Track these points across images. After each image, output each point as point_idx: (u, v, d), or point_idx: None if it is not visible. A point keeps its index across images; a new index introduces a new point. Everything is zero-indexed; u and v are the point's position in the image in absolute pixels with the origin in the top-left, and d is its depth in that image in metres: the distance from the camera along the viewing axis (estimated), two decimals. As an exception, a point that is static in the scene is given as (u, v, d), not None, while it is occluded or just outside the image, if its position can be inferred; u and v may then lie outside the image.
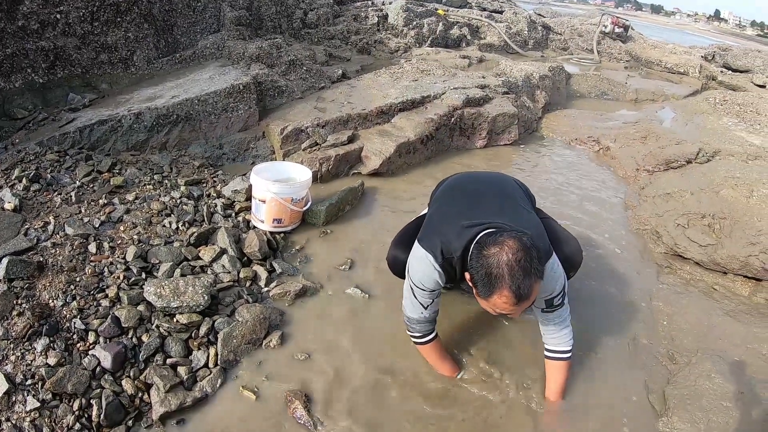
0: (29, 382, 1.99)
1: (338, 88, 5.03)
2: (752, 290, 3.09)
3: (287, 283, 2.74)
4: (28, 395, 1.94)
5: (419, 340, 2.24)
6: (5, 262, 2.28)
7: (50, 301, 2.26)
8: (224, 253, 2.79)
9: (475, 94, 5.03)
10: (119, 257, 2.58)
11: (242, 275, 2.71)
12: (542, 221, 2.26)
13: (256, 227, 3.09)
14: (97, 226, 2.73)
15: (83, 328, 2.19)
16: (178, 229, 2.90)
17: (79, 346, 2.15)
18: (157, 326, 2.29)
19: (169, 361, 2.19)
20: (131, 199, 3.02)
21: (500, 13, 10.20)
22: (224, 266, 2.72)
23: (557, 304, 2.09)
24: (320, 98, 4.72)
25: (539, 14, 11.23)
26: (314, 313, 2.62)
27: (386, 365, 2.35)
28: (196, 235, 2.82)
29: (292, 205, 3.06)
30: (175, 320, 2.31)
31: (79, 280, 2.39)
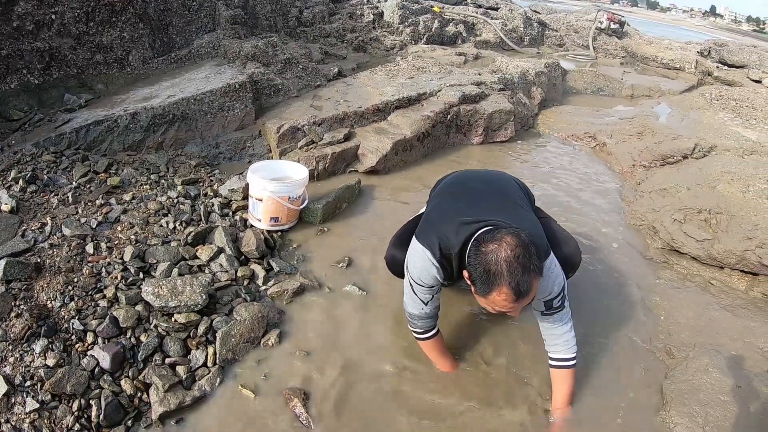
0: (28, 383, 1.98)
1: (334, 86, 5.03)
2: (749, 285, 3.11)
3: (285, 281, 2.75)
4: (27, 396, 1.94)
5: (421, 335, 2.23)
6: (2, 263, 2.27)
7: (48, 302, 2.25)
8: (222, 252, 2.79)
9: (471, 91, 5.04)
10: (117, 257, 2.58)
11: (240, 274, 2.71)
12: (541, 221, 2.23)
13: (253, 226, 3.09)
14: (94, 226, 2.72)
15: (81, 328, 2.19)
16: (175, 228, 2.90)
17: (77, 346, 2.15)
18: (155, 326, 2.29)
19: (167, 360, 2.20)
20: (128, 199, 3.02)
21: (496, 9, 10.21)
22: (222, 265, 2.72)
23: (556, 306, 2.04)
24: (316, 96, 4.72)
25: (535, 11, 11.22)
26: (312, 311, 2.62)
27: (384, 362, 2.35)
28: (193, 234, 2.82)
29: (289, 203, 3.06)
30: (173, 320, 2.31)
31: (76, 280, 2.38)
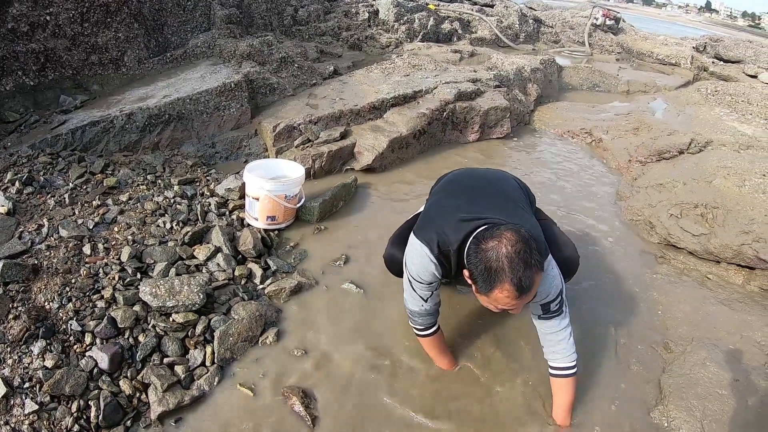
0: (27, 385, 1.98)
1: (330, 84, 5.02)
2: (746, 278, 3.12)
3: (282, 280, 2.75)
4: (26, 398, 1.94)
5: (421, 332, 2.22)
6: (0, 265, 2.27)
7: (46, 303, 2.25)
8: (219, 251, 2.79)
9: (466, 88, 5.04)
10: (114, 258, 2.57)
11: (237, 273, 2.71)
12: (541, 223, 2.21)
13: (250, 225, 3.09)
14: (91, 227, 2.72)
15: (79, 329, 2.19)
16: (172, 228, 2.90)
17: (75, 347, 2.15)
18: (153, 326, 2.29)
19: (166, 360, 2.20)
20: (125, 199, 3.01)
21: (491, 6, 10.21)
22: (219, 265, 2.72)
23: (554, 310, 2.00)
24: (312, 95, 4.71)
25: (530, 7, 11.23)
26: (310, 309, 2.63)
27: (383, 359, 2.35)
28: (190, 234, 2.82)
29: (285, 202, 3.06)
30: (171, 319, 2.31)
31: (74, 281, 2.38)
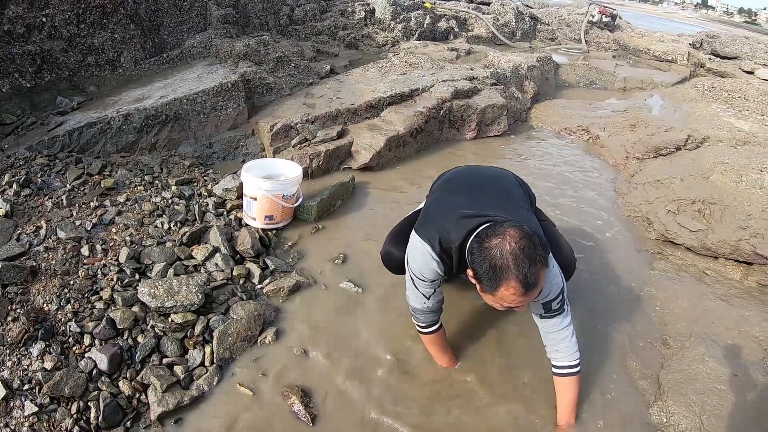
0: (26, 387, 1.98)
1: (327, 83, 5.02)
2: (743, 274, 3.13)
3: (281, 279, 2.75)
4: (25, 400, 1.94)
5: (423, 330, 2.22)
6: (-3, 267, 2.27)
7: (45, 305, 2.25)
8: (217, 251, 2.79)
9: (463, 86, 5.04)
10: (112, 259, 2.57)
11: (235, 273, 2.71)
12: (540, 224, 2.20)
13: (248, 225, 3.09)
14: (89, 228, 2.72)
15: (78, 331, 2.19)
16: (170, 229, 2.90)
17: (75, 349, 2.15)
18: (152, 326, 2.29)
19: (165, 360, 2.20)
20: (122, 200, 3.01)
21: (487, 4, 10.21)
22: (217, 264, 2.73)
23: (555, 308, 1.99)
24: (309, 94, 4.71)
25: (526, 5, 11.22)
26: (308, 308, 2.63)
27: (381, 357, 2.36)
28: (188, 234, 2.82)
29: (283, 201, 3.06)
30: (170, 320, 2.31)
31: (72, 283, 2.38)
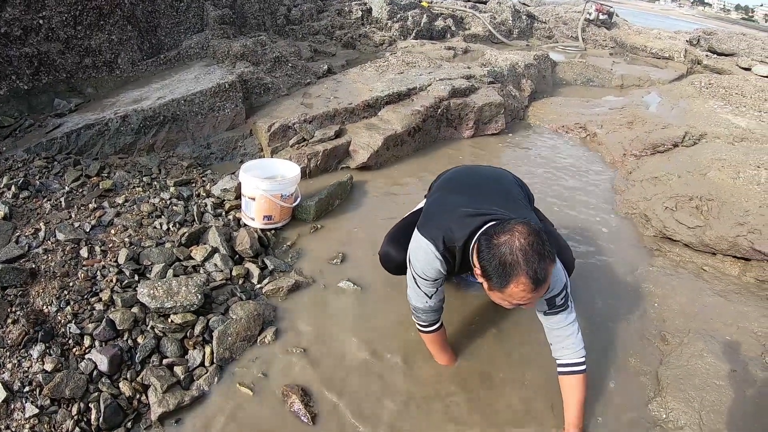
0: (27, 388, 1.99)
1: (324, 83, 5.02)
2: (741, 270, 3.14)
3: (280, 279, 2.75)
4: (26, 402, 1.94)
5: (424, 328, 2.22)
6: (-3, 269, 2.28)
7: (44, 307, 2.25)
8: (216, 251, 2.79)
9: (460, 84, 5.05)
10: (111, 260, 2.58)
11: (235, 273, 2.72)
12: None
13: (246, 225, 3.09)
14: (87, 230, 2.72)
15: (78, 332, 2.19)
16: (169, 230, 2.90)
17: (75, 350, 2.15)
18: (152, 327, 2.29)
19: (165, 361, 2.20)
20: (121, 202, 3.01)
21: (484, 3, 10.21)
22: (216, 265, 2.73)
23: (560, 304, 1.98)
24: (306, 94, 4.71)
25: (523, 3, 11.22)
26: (307, 307, 2.63)
27: (381, 357, 2.36)
28: (187, 235, 2.82)
29: (281, 201, 3.07)
30: (169, 320, 2.32)
31: (72, 285, 2.38)
